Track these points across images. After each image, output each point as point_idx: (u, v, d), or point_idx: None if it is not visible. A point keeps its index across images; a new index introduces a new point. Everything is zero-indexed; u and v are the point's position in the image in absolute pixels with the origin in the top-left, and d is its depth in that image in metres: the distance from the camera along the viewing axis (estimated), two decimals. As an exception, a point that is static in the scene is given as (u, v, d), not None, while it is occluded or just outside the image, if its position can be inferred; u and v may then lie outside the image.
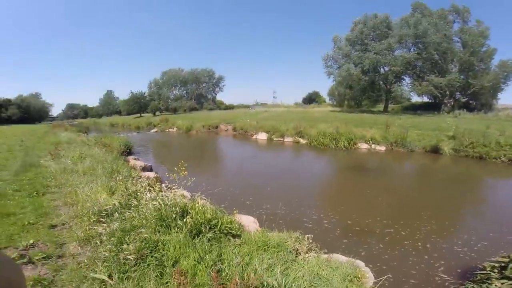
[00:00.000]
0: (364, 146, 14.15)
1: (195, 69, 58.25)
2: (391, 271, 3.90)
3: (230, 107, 57.69)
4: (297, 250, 3.85)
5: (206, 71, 58.87)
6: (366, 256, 4.32)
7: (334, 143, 14.44)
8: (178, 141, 18.25)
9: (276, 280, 2.79)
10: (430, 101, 34.63)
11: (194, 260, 2.90)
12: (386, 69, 32.45)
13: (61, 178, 6.08)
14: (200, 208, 3.93)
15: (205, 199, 4.71)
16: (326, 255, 3.80)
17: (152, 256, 2.93)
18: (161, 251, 3.05)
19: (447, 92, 30.16)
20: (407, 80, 34.53)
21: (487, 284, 3.47)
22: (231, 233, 3.76)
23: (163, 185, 6.18)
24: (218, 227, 3.69)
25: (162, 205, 3.89)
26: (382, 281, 3.48)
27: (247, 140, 17.60)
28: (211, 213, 3.87)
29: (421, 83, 30.21)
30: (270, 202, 6.33)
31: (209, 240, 3.43)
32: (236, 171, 10.32)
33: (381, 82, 34.72)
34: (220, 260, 3.08)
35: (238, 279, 2.59)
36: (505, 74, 29.64)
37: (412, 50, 31.26)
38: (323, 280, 3.02)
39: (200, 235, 3.47)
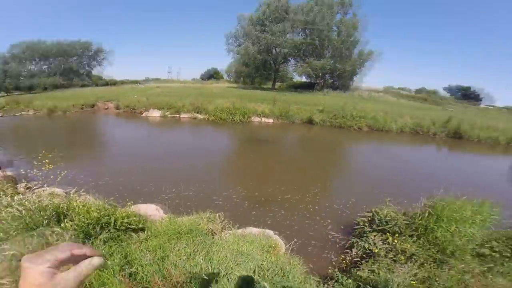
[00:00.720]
0: (256, 119, 15.51)
1: (62, 41, 45.26)
2: (296, 235, 4.30)
3: (111, 83, 48.77)
4: (212, 230, 3.76)
5: (79, 43, 46.68)
6: (274, 224, 4.64)
7: (231, 117, 15.05)
8: (39, 126, 13.72)
9: (201, 268, 2.63)
10: (308, 81, 40.78)
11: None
12: (278, 50, 35.57)
13: None
14: (81, 206, 3.35)
15: (85, 195, 4.00)
16: (240, 230, 3.85)
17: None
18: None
19: (320, 74, 36.25)
20: (292, 61, 39.18)
21: (364, 237, 4.14)
22: (131, 228, 3.35)
23: (19, 185, 4.76)
24: (112, 224, 3.22)
25: (23, 211, 3.02)
26: (292, 246, 3.82)
27: (136, 119, 15.50)
28: (98, 210, 3.32)
29: (303, 65, 34.99)
30: (173, 185, 5.81)
31: (105, 242, 2.99)
32: (125, 156, 8.62)
33: (271, 62, 37.96)
34: (128, 261, 2.67)
35: (159, 278, 2.33)
36: (361, 61, 37.82)
37: (300, 34, 35.14)
38: (245, 256, 3.04)
39: (91, 239, 2.99)
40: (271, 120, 15.81)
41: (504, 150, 15.24)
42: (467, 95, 59.35)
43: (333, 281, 3.14)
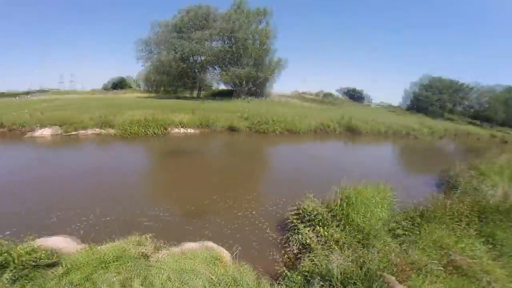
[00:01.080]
0: (175, 130, 14.80)
1: None
2: (238, 242, 4.22)
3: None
4: (144, 253, 3.45)
5: None
6: (213, 235, 4.46)
7: (147, 130, 13.91)
8: None
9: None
10: (231, 88, 41.76)
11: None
12: (202, 58, 35.18)
13: None
14: None
15: None
16: (177, 248, 3.62)
17: None
18: None
19: (244, 82, 37.69)
20: (217, 69, 39.40)
21: (298, 232, 4.38)
22: (41, 264, 3.01)
23: None
24: (14, 262, 2.89)
25: None
26: (236, 254, 3.72)
27: (19, 141, 12.12)
28: None
29: (227, 73, 35.67)
30: (86, 212, 5.07)
31: (14, 281, 2.71)
32: (13, 186, 6.63)
33: (195, 70, 37.32)
34: None
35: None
36: (277, 69, 40.55)
37: (226, 43, 35.50)
38: (190, 273, 2.88)
39: None
40: (192, 130, 15.38)
41: (385, 137, 19.41)
42: (354, 96, 72.41)
43: (285, 279, 3.27)
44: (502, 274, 3.15)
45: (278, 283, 3.27)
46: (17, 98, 33.25)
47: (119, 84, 55.76)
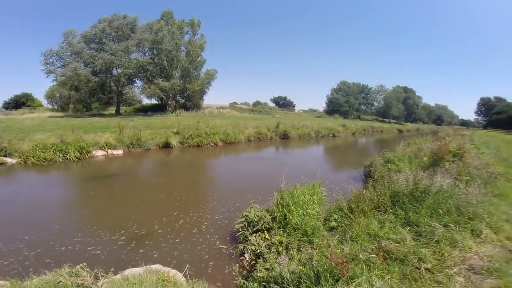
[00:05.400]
0: (100, 153, 13.00)
1: None
2: (189, 260, 4.07)
3: None
4: (82, 285, 3.13)
5: None
6: (158, 258, 4.18)
7: (62, 155, 11.80)
8: None
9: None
10: (158, 102, 39.45)
11: None
12: (120, 71, 31.81)
13: None
14: None
15: None
16: (119, 275, 3.27)
17: None
18: None
19: (171, 95, 36.08)
20: (138, 83, 36.44)
21: (248, 241, 4.35)
22: None
23: None
24: None
25: None
26: (188, 272, 3.51)
27: None
28: None
29: (150, 86, 33.38)
30: (10, 246, 4.41)
31: None
32: None
33: (112, 84, 33.57)
34: None
35: None
36: (208, 80, 40.53)
37: (147, 54, 33.11)
38: None
39: None
40: (120, 151, 13.80)
41: (315, 140, 21.76)
42: (280, 102, 79.47)
43: None
44: (427, 254, 3.39)
45: None
46: None
47: (16, 103, 44.87)
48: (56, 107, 41.18)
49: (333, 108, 58.40)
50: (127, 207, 6.71)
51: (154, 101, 40.00)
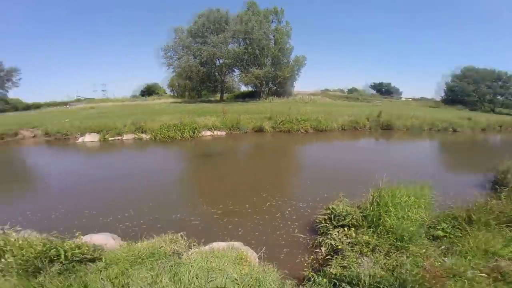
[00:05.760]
0: (207, 133, 15.14)
1: None
2: (266, 243, 4.25)
3: (36, 106, 42.47)
4: (177, 251, 3.62)
5: None
6: (242, 235, 4.53)
7: (180, 134, 14.40)
8: None
9: (169, 290, 2.44)
10: (253, 89, 42.00)
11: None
12: (221, 61, 35.75)
13: None
14: (21, 241, 3.16)
15: (23, 230, 3.74)
16: (207, 247, 3.72)
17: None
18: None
19: (264, 82, 37.73)
20: (237, 72, 39.85)
21: (329, 234, 4.21)
22: (86, 258, 3.24)
23: None
24: (63, 256, 3.09)
25: None
26: (262, 254, 3.73)
27: (70, 146, 13.63)
28: (43, 244, 3.15)
29: (246, 74, 35.90)
30: (126, 211, 5.41)
31: (59, 273, 2.87)
32: (65, 187, 7.36)
33: (216, 74, 38.00)
34: None
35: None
36: (297, 67, 40.57)
37: (241, 44, 35.83)
38: (216, 272, 2.95)
39: (43, 272, 2.85)
40: (223, 133, 15.65)
41: (427, 134, 18.16)
42: (381, 90, 68.82)
43: (310, 282, 3.14)
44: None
45: (303, 285, 3.18)
46: (67, 106, 36.16)
47: (148, 91, 58.24)
48: (175, 95, 50.24)
49: (455, 97, 46.36)
50: (227, 184, 7.45)
51: (250, 88, 42.89)
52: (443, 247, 3.56)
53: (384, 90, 69.66)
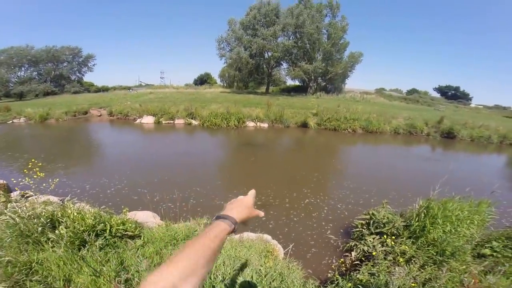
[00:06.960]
0: (251, 124, 15.48)
1: (51, 47, 44.67)
2: (295, 239, 4.26)
3: (104, 89, 48.50)
4: None
5: (69, 49, 45.95)
6: (272, 229, 4.59)
7: (226, 122, 14.98)
8: (32, 134, 13.57)
9: (198, 274, 2.66)
10: (300, 84, 41.09)
11: (91, 275, 2.40)
12: (270, 54, 35.74)
13: None
14: (76, 214, 3.29)
15: (79, 202, 3.97)
16: (237, 236, 3.82)
17: (31, 280, 2.31)
18: (40, 272, 2.46)
19: (313, 77, 36.57)
20: (285, 65, 39.44)
21: (363, 240, 4.03)
22: (127, 234, 3.37)
23: (14, 193, 4.68)
24: (108, 231, 3.21)
25: (17, 218, 3.00)
26: (290, 251, 3.74)
27: (130, 126, 15.35)
28: (93, 218, 3.30)
29: (294, 69, 35.24)
30: (170, 192, 5.65)
31: (101, 248, 2.97)
32: (120, 164, 8.35)
33: (264, 66, 38.14)
34: (124, 268, 2.67)
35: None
36: (352, 63, 38.36)
37: (291, 38, 35.23)
38: (242, 261, 3.04)
39: (87, 245, 2.96)
40: (266, 125, 15.79)
41: (497, 148, 15.55)
42: (447, 93, 60.54)
43: (333, 285, 3.08)
44: None
45: (325, 287, 3.07)
46: (130, 90, 40.73)
47: (206, 80, 61.85)
48: (225, 85, 52.22)
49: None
50: (271, 176, 7.50)
51: (297, 83, 42.10)
52: (486, 262, 3.22)
53: (450, 94, 61.56)
